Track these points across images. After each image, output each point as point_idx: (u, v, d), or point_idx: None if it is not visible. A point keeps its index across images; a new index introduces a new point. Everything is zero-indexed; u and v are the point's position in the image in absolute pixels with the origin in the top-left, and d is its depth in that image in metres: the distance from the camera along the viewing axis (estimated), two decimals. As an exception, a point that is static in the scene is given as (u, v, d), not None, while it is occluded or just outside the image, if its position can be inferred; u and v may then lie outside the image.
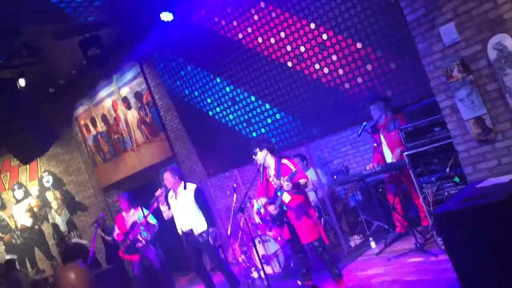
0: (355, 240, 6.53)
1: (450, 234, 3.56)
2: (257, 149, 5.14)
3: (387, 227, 6.05)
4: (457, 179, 4.70)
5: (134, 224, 7.27)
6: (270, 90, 7.46)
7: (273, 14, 6.98)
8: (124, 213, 7.52)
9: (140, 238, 7.24)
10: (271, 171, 5.16)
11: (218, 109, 8.34)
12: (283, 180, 4.87)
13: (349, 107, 6.63)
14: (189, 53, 8.36)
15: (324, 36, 6.54)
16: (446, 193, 4.82)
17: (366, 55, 6.24)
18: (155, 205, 6.23)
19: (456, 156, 4.34)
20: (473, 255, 3.37)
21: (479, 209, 3.33)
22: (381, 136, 5.95)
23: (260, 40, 7.27)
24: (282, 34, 6.97)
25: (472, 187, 3.84)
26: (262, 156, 5.13)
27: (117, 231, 7.60)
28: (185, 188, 6.07)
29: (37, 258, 10.91)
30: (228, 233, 7.10)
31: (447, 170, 4.73)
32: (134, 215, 7.37)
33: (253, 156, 5.18)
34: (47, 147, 8.15)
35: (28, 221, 10.94)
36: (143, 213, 7.21)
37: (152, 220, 7.25)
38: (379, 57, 6.12)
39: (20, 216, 10.94)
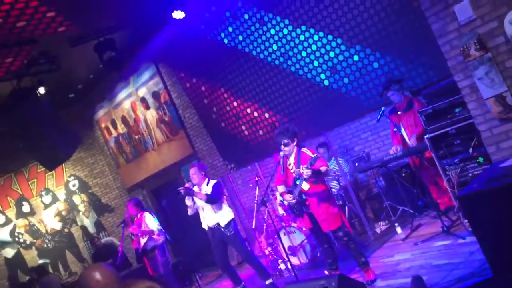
0: (381, 227, 6.49)
1: (476, 215, 3.51)
2: (288, 140, 5.02)
3: (412, 211, 6.00)
4: (480, 159, 4.63)
5: (141, 230, 7.39)
6: (286, 82, 7.43)
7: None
8: (135, 218, 7.63)
9: (144, 244, 7.38)
10: (292, 160, 5.12)
11: (235, 104, 8.36)
12: (302, 168, 4.84)
13: (367, 93, 6.57)
14: (203, 50, 8.37)
15: (343, 19, 6.46)
16: (470, 174, 4.75)
17: (381, 38, 6.16)
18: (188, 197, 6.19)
19: (478, 136, 4.27)
20: (501, 235, 3.31)
21: (504, 188, 3.26)
22: (399, 118, 5.90)
23: (273, 31, 7.24)
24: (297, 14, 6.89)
25: (496, 166, 3.77)
26: (292, 146, 5.09)
27: (133, 235, 7.74)
28: (207, 184, 6.11)
29: (69, 261, 11.16)
30: (253, 226, 7.15)
31: (470, 150, 4.66)
32: (143, 219, 7.47)
33: (282, 147, 5.06)
34: (71, 152, 8.30)
35: (57, 225, 11.18)
36: (145, 219, 7.33)
37: (151, 225, 7.34)
38: (394, 40, 6.03)
39: (49, 220, 11.19)
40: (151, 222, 7.41)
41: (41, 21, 6.18)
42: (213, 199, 5.92)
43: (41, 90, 7.74)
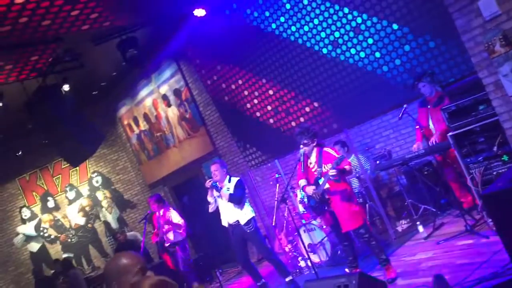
0: (402, 225, 6.44)
1: (501, 214, 3.44)
2: (308, 141, 5.03)
3: (434, 210, 5.92)
4: (505, 158, 4.54)
5: (163, 224, 7.48)
6: (307, 78, 7.41)
7: (305, 1, 6.92)
8: (157, 214, 7.72)
9: (166, 239, 7.46)
10: (313, 159, 5.12)
11: (256, 101, 8.37)
12: (325, 167, 4.84)
13: (388, 90, 6.50)
14: (223, 47, 8.41)
15: (359, 20, 6.43)
16: (494, 173, 4.66)
17: (403, 35, 6.09)
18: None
19: (503, 133, 4.19)
20: (526, 235, 3.26)
21: (529, 187, 3.21)
22: (428, 112, 5.81)
23: (293, 28, 7.22)
24: (316, 21, 6.90)
25: (521, 165, 3.71)
26: (312, 147, 5.09)
27: (152, 231, 7.85)
28: (229, 181, 6.14)
29: (92, 255, 11.36)
30: (273, 223, 7.16)
31: (495, 148, 4.58)
32: (165, 215, 7.56)
33: (301, 146, 5.07)
34: (95, 149, 8.43)
35: (81, 220, 11.39)
36: (170, 214, 7.42)
37: (176, 219, 7.42)
38: (417, 37, 5.96)
39: (73, 216, 11.41)
40: (176, 216, 7.52)
41: (65, 19, 6.29)
42: (236, 199, 5.96)
43: (66, 87, 7.88)
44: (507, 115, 4.02)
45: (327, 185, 4.94)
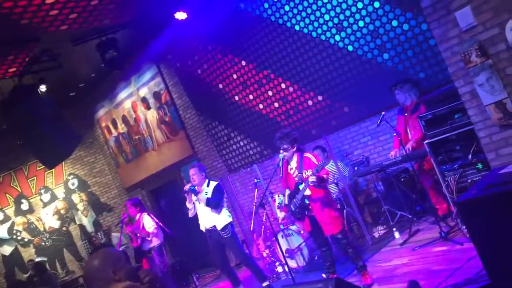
0: (379, 231, 6.49)
1: (475, 221, 3.50)
2: (288, 146, 5.03)
3: (410, 216, 5.99)
4: (480, 166, 4.63)
5: (140, 230, 7.38)
6: (287, 85, 7.44)
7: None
8: (134, 218, 7.63)
9: (143, 244, 7.37)
10: (293, 164, 5.14)
11: (236, 105, 8.36)
12: (305, 173, 4.87)
13: (367, 97, 6.57)
14: (204, 51, 8.39)
15: (333, 30, 6.50)
16: (469, 180, 4.74)
17: (383, 44, 6.17)
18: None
19: (478, 142, 4.27)
20: (499, 242, 3.31)
21: (503, 195, 3.26)
22: (405, 119, 5.89)
23: (278, 39, 7.25)
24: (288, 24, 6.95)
25: (495, 173, 3.77)
26: (292, 152, 5.10)
27: (131, 235, 7.75)
28: (208, 185, 6.11)
29: (66, 259, 11.16)
30: (251, 228, 7.15)
31: (469, 156, 4.66)
32: (141, 220, 7.46)
33: (281, 151, 5.08)
34: (71, 151, 8.31)
35: (56, 223, 11.19)
36: (143, 220, 7.33)
37: (147, 226, 7.34)
38: (396, 46, 6.04)
39: (48, 218, 11.20)
40: (148, 223, 7.40)
41: (44, 19, 6.20)
42: (213, 204, 5.92)
43: (42, 88, 7.75)
44: (482, 124, 4.09)
45: (309, 191, 4.97)
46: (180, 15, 7.45)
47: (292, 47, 7.10)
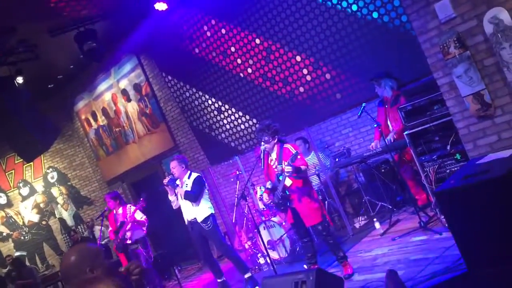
0: (360, 222, 6.55)
1: (452, 211, 3.56)
2: (269, 137, 5.02)
3: (390, 207, 6.06)
4: (458, 156, 4.69)
5: (122, 222, 7.31)
6: (269, 76, 7.43)
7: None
8: (114, 211, 7.54)
9: (128, 237, 7.30)
10: (273, 156, 5.13)
11: (216, 97, 8.32)
12: (284, 164, 4.87)
13: (348, 89, 6.60)
14: (184, 42, 8.31)
15: (314, 22, 6.51)
16: (448, 171, 4.81)
17: (362, 35, 6.19)
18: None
19: (456, 133, 4.32)
20: (476, 231, 3.37)
21: (479, 185, 3.32)
22: (386, 111, 5.94)
23: (255, 26, 7.22)
24: (270, 15, 6.92)
25: (472, 163, 3.83)
26: (273, 144, 5.10)
27: (109, 229, 7.66)
28: (189, 177, 6.08)
29: (46, 253, 11.03)
30: (233, 220, 7.15)
31: (448, 147, 4.72)
32: (124, 212, 7.39)
33: (262, 143, 5.07)
34: (49, 143, 8.19)
35: (35, 217, 11.04)
36: (130, 211, 7.26)
37: (139, 216, 7.28)
38: (375, 37, 6.07)
39: (27, 212, 11.04)
40: (139, 214, 7.34)
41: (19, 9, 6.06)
42: (191, 197, 5.89)
43: (19, 79, 7.60)
44: (460, 115, 4.14)
45: (290, 182, 4.97)
46: (160, 6, 7.37)
47: (273, 39, 7.10)
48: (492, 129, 3.94)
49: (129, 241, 7.38)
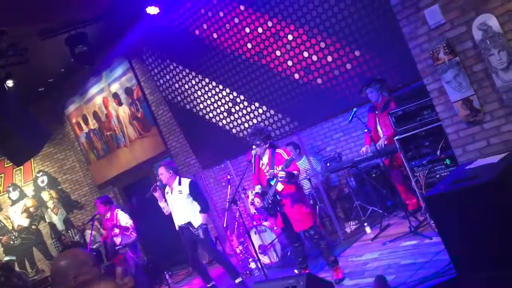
0: (351, 226, 6.56)
1: (442, 216, 3.58)
2: (261, 142, 5.02)
3: (381, 211, 6.08)
4: (448, 161, 4.72)
5: (111, 227, 7.28)
6: (260, 81, 7.43)
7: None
8: (105, 216, 7.50)
9: (116, 241, 7.27)
10: (265, 160, 5.14)
11: (209, 102, 8.31)
12: (276, 169, 4.88)
13: (339, 94, 6.63)
14: (177, 47, 8.30)
15: (311, 24, 6.52)
16: (437, 176, 4.84)
17: (354, 40, 6.22)
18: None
19: (446, 138, 4.35)
20: (465, 236, 3.39)
21: (469, 190, 3.34)
22: (376, 117, 5.97)
23: (247, 30, 7.23)
24: (260, 30, 6.94)
25: (462, 168, 3.85)
26: (264, 148, 5.10)
27: (103, 233, 7.62)
28: (179, 183, 6.05)
29: (36, 258, 10.91)
30: (224, 225, 7.12)
31: (438, 152, 4.75)
32: (112, 218, 7.36)
33: (254, 147, 5.08)
34: (40, 147, 8.12)
35: (25, 222, 10.93)
36: (118, 216, 7.23)
37: (123, 221, 7.24)
38: (367, 42, 6.10)
39: (16, 217, 10.93)
40: (124, 218, 7.30)
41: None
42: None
43: (9, 83, 7.52)
44: (449, 120, 4.17)
45: (281, 187, 4.97)
46: (152, 10, 7.36)
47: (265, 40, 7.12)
48: (481, 134, 3.96)
49: (117, 247, 7.34)
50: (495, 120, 3.86)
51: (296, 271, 5.34)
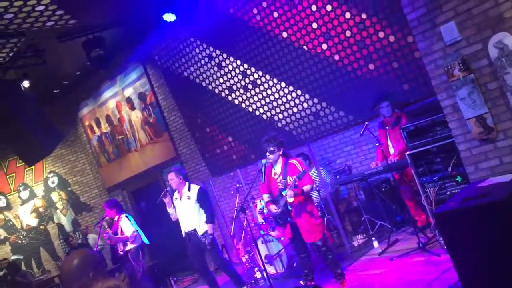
0: (358, 240, 6.52)
1: (451, 233, 3.55)
2: (275, 148, 5.02)
3: (390, 226, 6.04)
4: (459, 178, 4.69)
5: (113, 234, 7.26)
6: (272, 91, 7.46)
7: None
8: (114, 220, 7.50)
9: (119, 248, 7.24)
10: (278, 170, 5.13)
11: (221, 109, 8.35)
12: (290, 179, 4.87)
13: (352, 107, 6.63)
14: (191, 54, 8.36)
15: (326, 36, 6.55)
16: (448, 192, 4.81)
17: (369, 55, 6.23)
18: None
19: (458, 155, 4.32)
20: (474, 255, 3.36)
21: (479, 208, 3.31)
22: (387, 132, 5.97)
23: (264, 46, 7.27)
24: (276, 14, 6.98)
25: (473, 186, 3.83)
26: (277, 155, 5.10)
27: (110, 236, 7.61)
28: (189, 189, 6.07)
29: (42, 258, 10.97)
30: (231, 233, 7.13)
31: (449, 169, 4.73)
32: (117, 224, 7.34)
33: (268, 154, 5.07)
34: (52, 148, 8.19)
35: (33, 222, 11.01)
36: (121, 223, 7.20)
37: (125, 230, 7.20)
38: (381, 57, 6.11)
39: (25, 216, 11.01)
40: (126, 227, 7.22)
41: (29, 14, 6.13)
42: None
43: (26, 83, 7.65)
44: (462, 137, 4.15)
45: (291, 198, 4.96)
46: (169, 17, 7.44)
47: (279, 54, 7.15)
48: (494, 152, 3.94)
49: (120, 253, 7.30)
50: (509, 139, 3.84)
51: (301, 282, 5.31)
